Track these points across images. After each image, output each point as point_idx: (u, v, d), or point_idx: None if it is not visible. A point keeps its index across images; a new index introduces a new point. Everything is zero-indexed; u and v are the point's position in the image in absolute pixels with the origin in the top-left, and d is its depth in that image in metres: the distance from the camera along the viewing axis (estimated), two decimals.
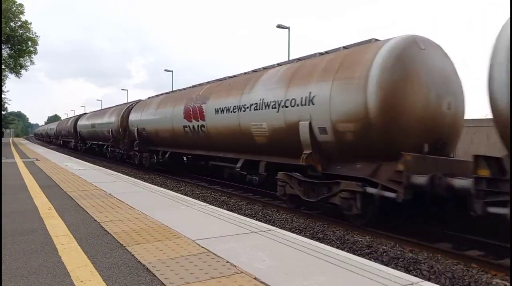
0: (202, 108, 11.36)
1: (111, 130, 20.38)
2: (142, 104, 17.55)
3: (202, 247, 3.43)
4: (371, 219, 6.73)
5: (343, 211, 6.95)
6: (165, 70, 40.29)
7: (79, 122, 30.41)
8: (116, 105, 23.37)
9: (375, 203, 6.50)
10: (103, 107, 28.70)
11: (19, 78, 32.83)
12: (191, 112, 12.02)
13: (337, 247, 5.60)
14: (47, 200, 5.90)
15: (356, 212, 6.70)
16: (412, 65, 6.50)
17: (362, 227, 6.75)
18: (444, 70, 6.86)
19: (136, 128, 16.70)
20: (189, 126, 12.13)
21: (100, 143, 24.28)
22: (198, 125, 11.61)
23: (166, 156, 14.82)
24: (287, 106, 7.96)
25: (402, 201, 5.94)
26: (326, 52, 8.42)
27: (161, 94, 17.01)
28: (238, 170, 10.01)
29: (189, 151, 13.27)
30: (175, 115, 13.26)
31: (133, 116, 17.65)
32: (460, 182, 5.49)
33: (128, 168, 18.21)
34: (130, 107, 19.22)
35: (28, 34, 30.80)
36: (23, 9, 29.58)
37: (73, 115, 59.24)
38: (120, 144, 19.20)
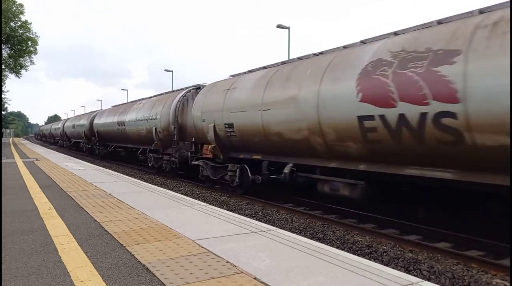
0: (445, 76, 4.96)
1: (155, 129, 15.07)
2: (220, 85, 11.23)
3: (202, 247, 3.43)
4: None
5: None
6: (165, 70, 40.37)
7: (98, 120, 24.59)
8: (160, 94, 17.58)
9: None
10: (132, 100, 22.04)
11: (19, 78, 32.96)
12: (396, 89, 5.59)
13: (337, 247, 5.61)
14: (47, 200, 5.90)
15: None
16: None
17: None
18: None
19: (213, 126, 10.65)
20: (385, 116, 5.77)
21: (130, 146, 19.21)
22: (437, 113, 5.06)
23: (286, 171, 8.33)
24: None
25: None
26: None
27: (260, 68, 10.35)
28: None
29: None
30: (325, 99, 6.94)
31: (203, 106, 11.38)
32: None
33: (128, 168, 18.22)
34: (187, 94, 13.87)
35: (28, 34, 30.89)
36: (23, 9, 29.69)
37: (74, 115, 59.17)
38: (172, 148, 14.05)
